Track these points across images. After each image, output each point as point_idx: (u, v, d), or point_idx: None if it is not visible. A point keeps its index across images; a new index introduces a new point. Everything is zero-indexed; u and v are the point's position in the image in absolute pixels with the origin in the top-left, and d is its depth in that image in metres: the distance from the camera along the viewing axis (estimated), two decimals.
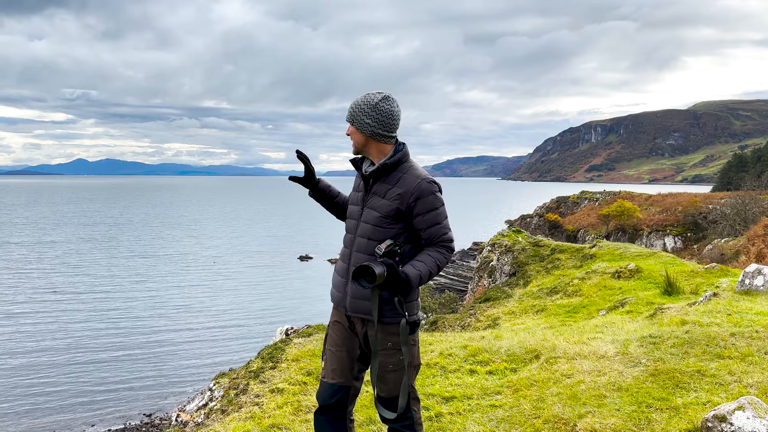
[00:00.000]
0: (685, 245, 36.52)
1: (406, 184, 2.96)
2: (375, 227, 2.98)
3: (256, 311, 31.31)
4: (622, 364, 5.14)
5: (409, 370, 3.06)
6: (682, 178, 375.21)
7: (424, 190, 2.94)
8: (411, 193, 2.93)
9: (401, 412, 3.04)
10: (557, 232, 43.06)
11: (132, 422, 16.96)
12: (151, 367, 21.65)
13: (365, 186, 3.10)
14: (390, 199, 2.96)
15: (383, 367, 3.04)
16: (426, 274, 2.91)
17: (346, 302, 3.09)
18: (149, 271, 42.35)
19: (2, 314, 28.11)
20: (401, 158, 3.02)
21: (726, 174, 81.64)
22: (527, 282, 15.41)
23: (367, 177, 3.08)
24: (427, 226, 2.96)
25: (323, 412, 3.16)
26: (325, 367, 3.19)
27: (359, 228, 3.05)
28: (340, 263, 3.17)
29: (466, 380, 5.33)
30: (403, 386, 2.99)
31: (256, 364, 6.19)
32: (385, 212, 2.96)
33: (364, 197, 3.08)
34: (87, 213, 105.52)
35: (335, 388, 3.13)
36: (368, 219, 3.02)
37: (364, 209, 3.06)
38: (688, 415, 3.98)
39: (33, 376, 20.05)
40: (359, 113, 3.01)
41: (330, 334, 3.23)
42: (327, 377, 3.17)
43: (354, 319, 3.10)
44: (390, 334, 3.00)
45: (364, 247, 3.01)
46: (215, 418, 5.21)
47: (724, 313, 6.62)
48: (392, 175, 3.01)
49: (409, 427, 3.10)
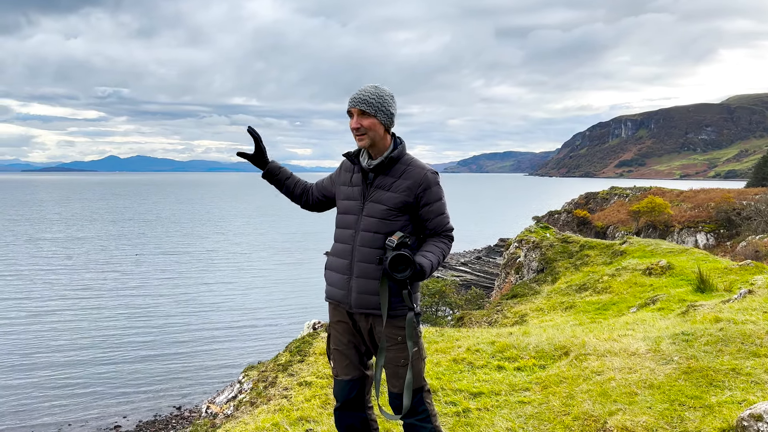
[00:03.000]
0: (717, 242, 35.74)
1: (413, 176, 2.98)
2: (382, 221, 2.97)
3: (283, 306, 31.58)
4: (654, 362, 5.06)
5: (418, 363, 3.05)
6: (715, 173, 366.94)
7: (431, 181, 2.98)
8: (419, 184, 2.96)
9: (414, 407, 3.02)
10: (586, 228, 42.49)
11: (162, 414, 17.29)
12: (181, 361, 22.01)
13: (364, 180, 3.07)
14: (397, 192, 2.97)
15: (395, 363, 3.02)
16: (436, 264, 2.93)
17: (350, 299, 3.05)
18: (178, 268, 43.00)
19: (35, 310, 28.83)
20: (402, 150, 3.04)
21: (761, 169, 79.50)
22: (555, 279, 15.25)
23: (366, 171, 3.06)
24: (434, 216, 3.00)
25: (344, 408, 3.18)
26: (336, 366, 3.19)
27: (361, 222, 3.02)
28: (338, 260, 3.12)
29: (494, 376, 5.30)
30: (407, 384, 2.96)
31: (284, 358, 6.25)
32: (392, 204, 2.96)
33: (364, 191, 3.05)
34: (117, 209, 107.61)
35: (351, 383, 3.14)
36: (373, 213, 2.99)
37: (365, 203, 3.03)
38: (723, 413, 3.89)
39: (66, 370, 20.54)
40: (382, 104, 2.99)
41: (333, 335, 3.20)
42: (340, 375, 3.17)
43: (357, 315, 3.07)
44: (398, 327, 2.99)
45: (369, 242, 2.99)
46: (244, 410, 5.27)
47: (760, 310, 6.46)
48: (395, 168, 3.01)
49: (425, 420, 3.07)
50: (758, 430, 3.37)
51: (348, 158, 3.16)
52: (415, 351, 2.98)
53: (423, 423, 3.06)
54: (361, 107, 2.95)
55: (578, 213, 45.54)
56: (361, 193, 3.06)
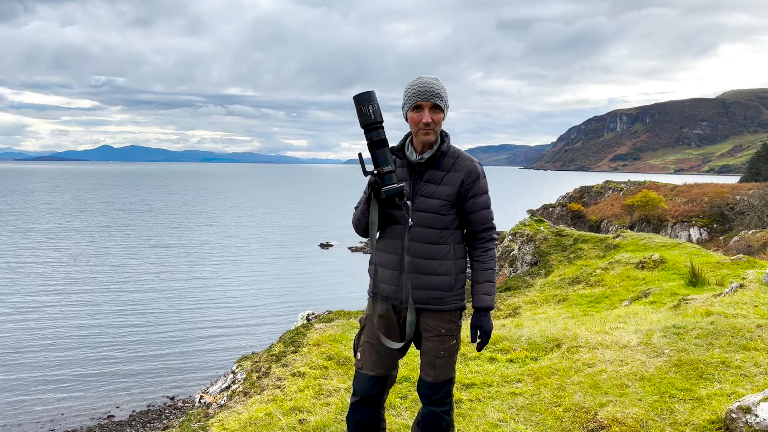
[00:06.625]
0: (710, 236, 35.93)
1: (463, 167, 2.97)
2: (435, 215, 2.95)
3: (277, 297, 31.58)
4: (645, 354, 5.10)
5: (454, 355, 3.10)
6: (709, 168, 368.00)
7: (480, 173, 2.99)
8: (469, 176, 2.96)
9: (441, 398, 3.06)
10: (580, 222, 42.62)
11: (155, 404, 17.29)
12: (174, 351, 21.99)
13: (411, 174, 3.02)
14: (449, 184, 2.95)
15: (434, 353, 3.03)
16: (494, 289, 3.01)
17: (401, 294, 3.01)
18: (171, 258, 42.89)
19: (27, 300, 28.73)
20: (450, 143, 3.03)
21: (754, 164, 79.84)
22: (549, 271, 15.31)
23: (414, 165, 3.01)
24: (480, 209, 3.00)
25: (362, 403, 3.15)
26: (363, 358, 3.13)
27: (413, 217, 2.94)
28: (387, 255, 3.05)
29: (487, 368, 5.33)
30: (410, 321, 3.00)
31: (278, 348, 6.26)
32: (445, 197, 2.94)
33: (414, 186, 3.00)
34: (108, 199, 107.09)
35: (375, 379, 3.11)
36: (425, 207, 2.95)
37: (416, 198, 2.97)
38: (712, 406, 3.93)
39: (58, 360, 20.48)
40: (447, 96, 2.95)
41: (369, 327, 3.12)
42: (366, 369, 3.12)
43: (401, 309, 3.04)
44: (445, 321, 3.01)
45: (421, 236, 2.95)
46: (238, 400, 5.28)
47: (751, 304, 6.51)
48: (444, 161, 2.99)
49: (447, 413, 3.10)
50: (746, 422, 3.41)
51: (394, 153, 3.05)
52: (453, 343, 3.04)
53: (444, 415, 3.09)
54: (435, 101, 2.87)
55: (572, 206, 45.66)
56: (410, 188, 2.99)
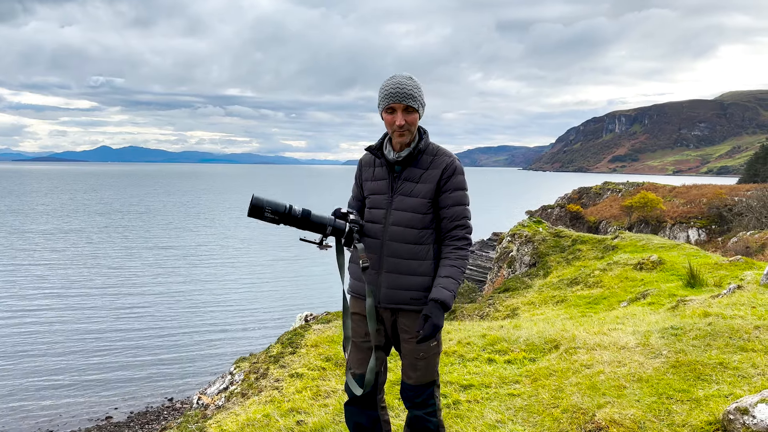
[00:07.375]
0: (709, 238, 35.94)
1: (441, 164, 2.93)
2: (415, 214, 2.92)
3: (275, 299, 31.56)
4: (643, 356, 5.10)
5: (435, 356, 3.06)
6: (708, 169, 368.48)
7: (456, 169, 2.93)
8: (444, 171, 2.91)
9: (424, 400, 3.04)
10: (579, 223, 42.64)
11: (153, 405, 17.28)
12: (172, 352, 21.97)
13: (390, 173, 3.00)
14: (427, 182, 2.92)
15: (414, 355, 3.00)
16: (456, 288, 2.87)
17: (379, 294, 2.99)
18: (169, 260, 42.82)
19: (24, 301, 28.66)
20: (428, 140, 2.98)
21: (753, 166, 80.00)
22: (547, 273, 15.31)
23: (392, 164, 2.98)
24: (453, 204, 2.92)
25: (353, 404, 3.15)
26: (351, 358, 3.14)
27: (391, 216, 2.95)
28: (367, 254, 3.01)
29: (485, 369, 5.33)
30: (371, 366, 2.94)
31: (275, 349, 6.25)
32: (424, 194, 2.91)
33: (392, 184, 2.98)
34: (107, 200, 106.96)
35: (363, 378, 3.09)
36: (404, 206, 2.93)
37: (394, 197, 2.96)
38: (710, 407, 3.93)
39: (56, 362, 20.46)
40: (422, 97, 2.91)
41: (353, 327, 3.13)
42: (353, 368, 3.13)
43: (383, 310, 3.03)
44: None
45: (400, 236, 2.93)
46: (236, 401, 5.27)
47: (748, 305, 6.51)
48: (423, 159, 2.95)
49: (432, 414, 3.08)
50: (744, 423, 3.41)
51: (371, 152, 3.05)
52: (434, 345, 2.99)
53: (430, 417, 3.07)
54: (408, 102, 2.82)
55: (571, 208, 45.67)
56: (388, 187, 2.98)
